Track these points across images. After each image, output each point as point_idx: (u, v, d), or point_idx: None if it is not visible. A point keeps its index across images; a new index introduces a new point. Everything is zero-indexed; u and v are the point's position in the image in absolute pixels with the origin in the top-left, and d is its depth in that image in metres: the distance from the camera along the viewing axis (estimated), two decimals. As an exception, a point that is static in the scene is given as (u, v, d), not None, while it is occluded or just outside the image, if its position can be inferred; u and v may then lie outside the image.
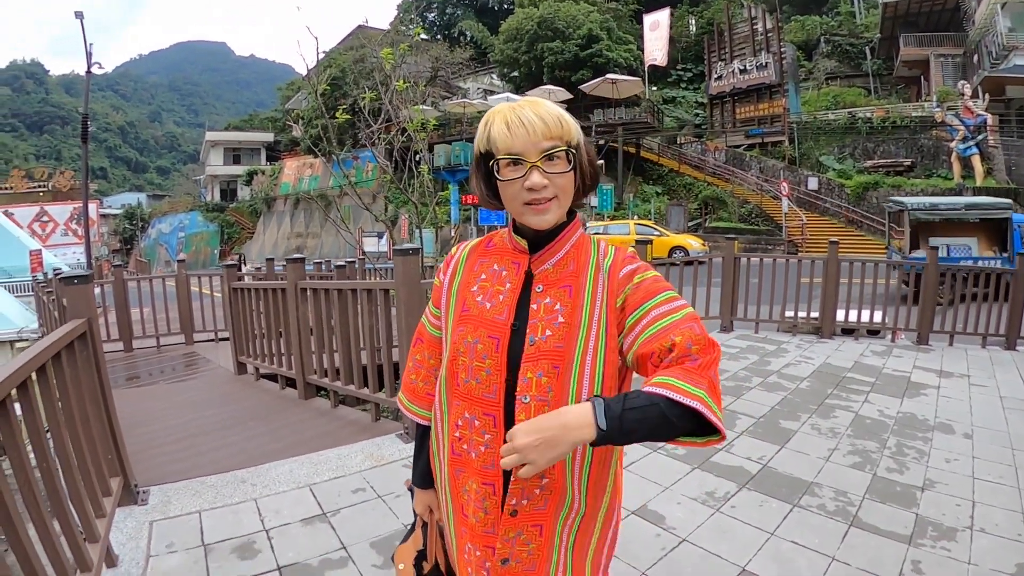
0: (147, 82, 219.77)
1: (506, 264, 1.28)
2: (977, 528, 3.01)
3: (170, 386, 6.42)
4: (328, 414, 4.76)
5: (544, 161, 1.15)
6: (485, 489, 1.22)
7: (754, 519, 3.06)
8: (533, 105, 1.18)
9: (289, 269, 4.95)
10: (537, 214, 1.18)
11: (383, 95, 5.23)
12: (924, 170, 24.57)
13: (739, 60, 29.48)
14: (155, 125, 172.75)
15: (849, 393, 5.35)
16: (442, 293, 1.37)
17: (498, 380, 1.19)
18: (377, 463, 3.67)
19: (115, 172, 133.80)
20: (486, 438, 1.21)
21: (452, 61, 37.26)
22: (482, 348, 1.21)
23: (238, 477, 3.53)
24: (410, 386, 1.47)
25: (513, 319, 1.21)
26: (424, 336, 1.45)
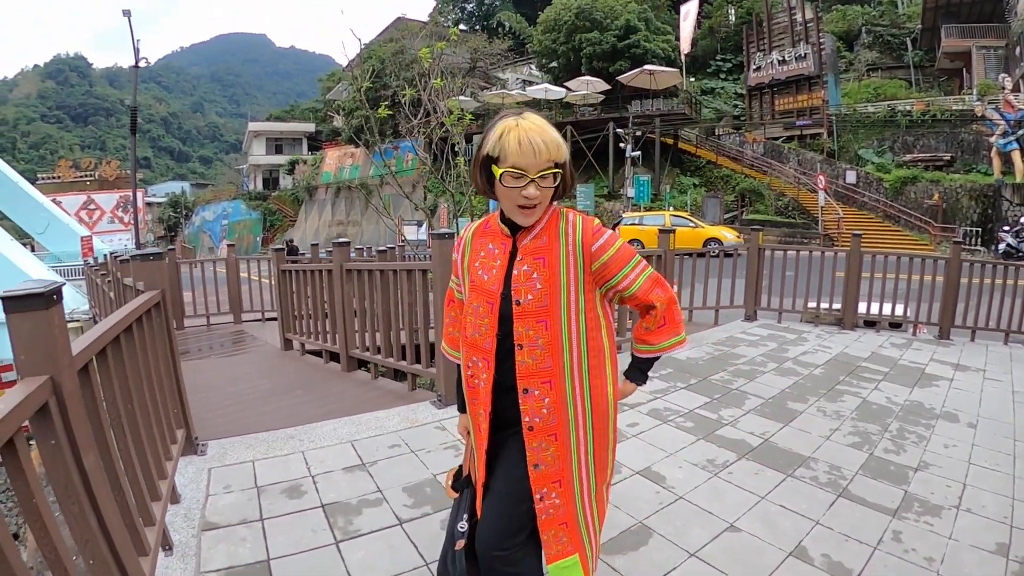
0: (189, 74, 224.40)
1: (497, 244, 1.72)
2: (964, 508, 3.11)
3: (221, 360, 6.92)
4: (368, 384, 5.23)
5: (540, 177, 1.56)
6: (484, 413, 1.70)
7: (748, 484, 3.33)
8: (540, 131, 1.54)
9: (336, 252, 5.42)
10: (526, 216, 1.61)
11: (421, 91, 5.60)
12: (964, 165, 24.18)
13: (778, 51, 29.26)
14: (197, 116, 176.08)
15: (860, 380, 5.45)
16: (458, 266, 1.83)
17: (491, 334, 1.66)
18: (412, 425, 4.10)
19: (158, 161, 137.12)
20: (484, 376, 1.69)
21: (490, 52, 37.48)
22: (482, 310, 1.68)
23: (287, 434, 3.97)
24: (449, 336, 2.00)
25: (502, 288, 1.66)
26: (452, 298, 1.96)
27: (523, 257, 1.65)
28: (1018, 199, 20.77)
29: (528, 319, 1.61)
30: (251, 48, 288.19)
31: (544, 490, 1.65)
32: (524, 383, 1.63)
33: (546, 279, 1.62)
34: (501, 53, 38.77)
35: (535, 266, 1.63)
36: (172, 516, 2.82)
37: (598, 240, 1.65)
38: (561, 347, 1.62)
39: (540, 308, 1.61)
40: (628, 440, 3.98)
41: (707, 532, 2.84)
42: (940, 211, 22.05)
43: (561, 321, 1.62)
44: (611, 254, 1.66)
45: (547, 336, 1.61)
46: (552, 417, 1.64)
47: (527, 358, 1.62)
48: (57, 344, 1.68)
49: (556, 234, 1.66)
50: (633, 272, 1.69)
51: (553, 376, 1.62)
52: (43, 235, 25.44)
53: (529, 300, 1.61)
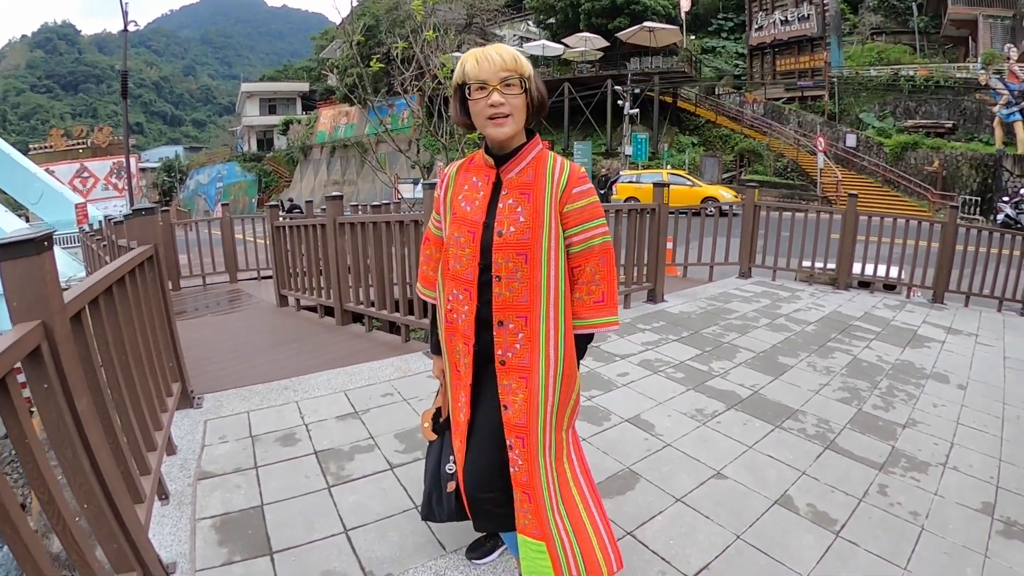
0: (179, 37, 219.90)
1: (481, 177, 1.73)
2: (951, 466, 3.13)
3: (217, 317, 6.93)
4: (363, 336, 5.27)
5: (503, 87, 1.57)
6: (465, 348, 1.71)
7: (735, 434, 3.37)
8: (496, 47, 1.60)
9: (329, 206, 5.41)
10: (497, 126, 1.60)
11: (414, 44, 5.51)
12: (965, 133, 23.96)
13: (780, 10, 28.76)
14: (189, 79, 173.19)
15: (852, 339, 5.47)
16: (440, 202, 1.83)
17: (473, 263, 1.67)
18: (404, 374, 4.14)
19: (151, 127, 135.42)
20: (465, 308, 1.70)
21: (487, 8, 36.76)
22: (464, 240, 1.68)
23: (282, 385, 4.01)
24: (424, 275, 1.96)
25: (485, 217, 1.67)
26: (430, 237, 1.93)
27: (508, 191, 1.67)
28: (1019, 170, 20.66)
29: (508, 251, 1.62)
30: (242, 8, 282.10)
31: (512, 439, 1.67)
32: (500, 315, 1.64)
33: (529, 214, 1.63)
34: (498, 9, 38.06)
35: (520, 200, 1.65)
36: (168, 467, 2.85)
37: (580, 185, 1.69)
38: (539, 283, 1.63)
39: (521, 241, 1.62)
40: (618, 389, 4.02)
41: (693, 478, 2.89)
42: (940, 178, 21.94)
43: (541, 257, 1.63)
44: (584, 204, 1.69)
45: (526, 270, 1.63)
46: (524, 354, 1.65)
47: (504, 290, 1.63)
48: (48, 289, 1.70)
49: (543, 172, 1.68)
50: (593, 231, 1.71)
51: (529, 311, 1.64)
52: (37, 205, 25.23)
53: (511, 232, 1.62)
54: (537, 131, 1.75)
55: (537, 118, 1.70)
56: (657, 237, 6.35)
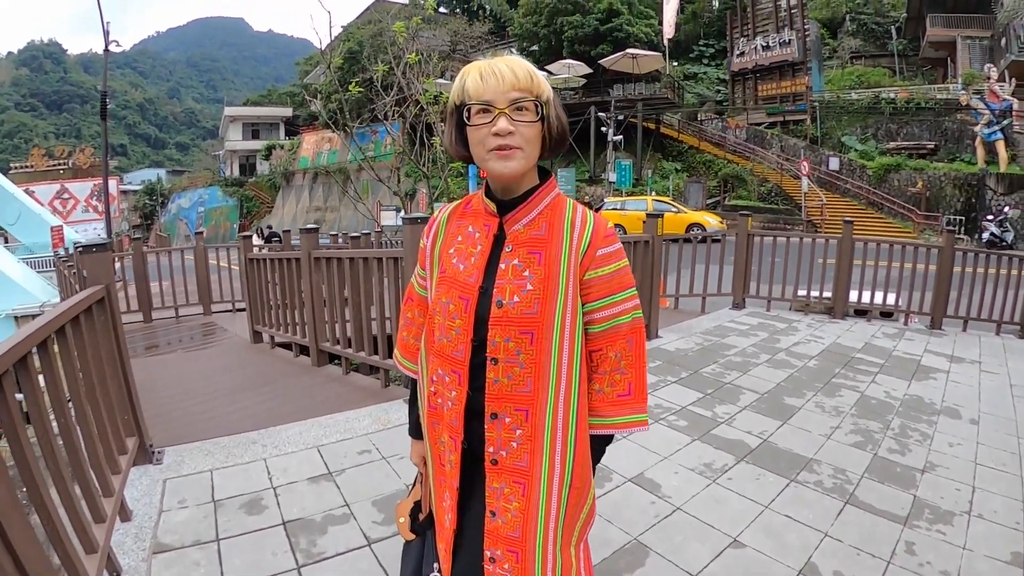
0: (165, 59, 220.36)
1: (479, 226, 1.36)
2: (975, 514, 2.98)
3: (187, 354, 6.58)
4: (339, 380, 4.89)
5: (512, 110, 1.22)
6: (451, 443, 1.33)
7: (749, 491, 3.10)
8: (507, 60, 1.26)
9: (303, 239, 5.07)
10: (501, 159, 1.23)
11: (396, 68, 5.26)
12: (947, 154, 24.18)
13: (762, 36, 29.07)
14: (174, 101, 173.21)
15: (856, 373, 5.31)
16: (426, 255, 1.45)
17: (464, 340, 1.29)
18: (384, 426, 3.78)
19: (134, 149, 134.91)
20: (452, 395, 1.31)
21: (470, 35, 37.01)
22: (453, 308, 1.31)
23: (249, 438, 3.64)
24: (403, 343, 1.58)
25: (482, 281, 1.30)
26: (413, 296, 1.56)
27: (514, 247, 1.31)
28: (1002, 189, 20.82)
29: (509, 326, 1.26)
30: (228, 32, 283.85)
31: (498, 552, 1.30)
32: (494, 406, 1.28)
33: (539, 280, 1.27)
34: (481, 36, 38.32)
35: (528, 261, 1.29)
36: (122, 536, 2.56)
37: (607, 246, 1.33)
38: (547, 369, 1.27)
39: (527, 315, 1.26)
40: (618, 442, 3.66)
41: (709, 549, 2.59)
42: (924, 199, 22.05)
43: (552, 337, 1.27)
44: (611, 270, 1.33)
45: (531, 352, 1.26)
46: (522, 455, 1.28)
47: (502, 376, 1.27)
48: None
49: (559, 225, 1.31)
50: (621, 305, 1.34)
51: (531, 404, 1.27)
52: (15, 226, 24.88)
53: (515, 302, 1.26)
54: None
55: (555, 154, 1.36)
56: (652, 270, 6.11)
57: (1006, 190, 20.74)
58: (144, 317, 8.53)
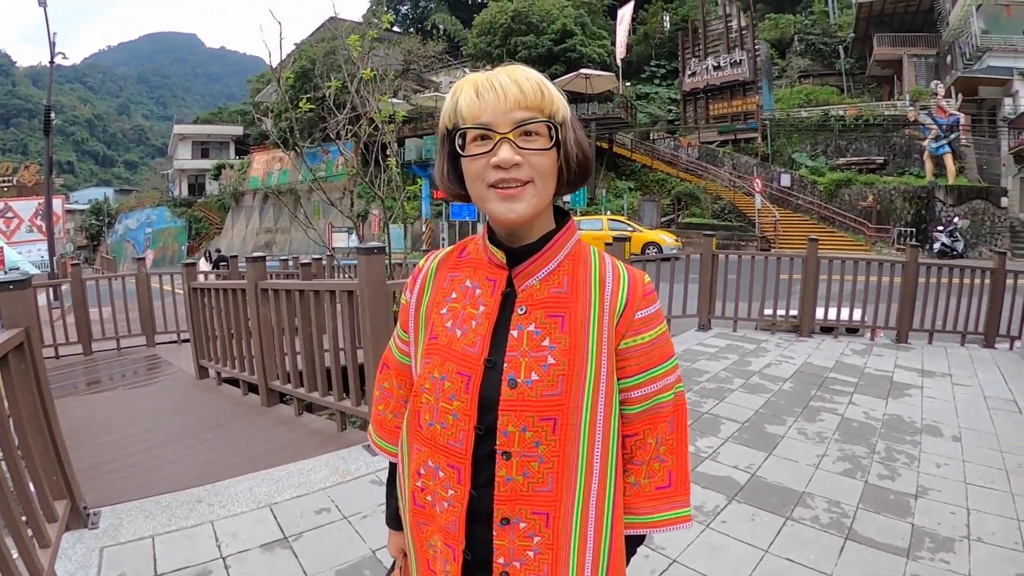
0: (116, 74, 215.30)
1: (480, 280, 1.05)
2: (974, 537, 2.91)
3: (129, 392, 6.10)
4: (291, 422, 4.49)
5: (518, 135, 0.93)
6: (447, 551, 1.01)
7: (746, 535, 2.88)
8: (510, 70, 0.97)
9: (248, 268, 4.64)
10: (505, 200, 0.94)
11: (350, 85, 4.96)
12: (896, 168, 24.95)
13: (713, 57, 29.64)
14: (123, 118, 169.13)
15: (833, 394, 5.22)
16: (409, 314, 1.14)
17: (466, 427, 0.98)
18: (342, 479, 3.42)
19: (82, 166, 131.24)
20: (449, 493, 1.00)
21: (424, 55, 36.92)
22: (449, 386, 1.00)
23: (194, 496, 3.25)
24: (378, 418, 1.26)
25: (488, 352, 0.99)
26: (390, 362, 1.23)
27: (529, 309, 1.00)
28: (951, 200, 21.58)
29: (526, 412, 0.96)
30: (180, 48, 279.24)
31: None
32: (505, 509, 0.97)
33: (564, 351, 0.97)
34: (435, 55, 38.23)
35: (548, 327, 0.99)
36: None
37: (648, 307, 1.05)
38: (573, 464, 0.98)
39: (549, 397, 0.95)
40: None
41: (712, 609, 2.33)
42: (875, 212, 22.65)
43: (580, 423, 0.98)
44: (652, 337, 1.05)
45: (552, 442, 0.96)
46: (543, 566, 0.98)
47: (516, 473, 0.96)
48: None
49: (584, 280, 1.03)
50: (663, 379, 1.07)
51: (553, 506, 0.98)
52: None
53: (533, 381, 0.96)
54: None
55: (574, 189, 1.06)
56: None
57: (955, 201, 21.49)
58: (84, 349, 7.95)
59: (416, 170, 28.47)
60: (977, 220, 21.03)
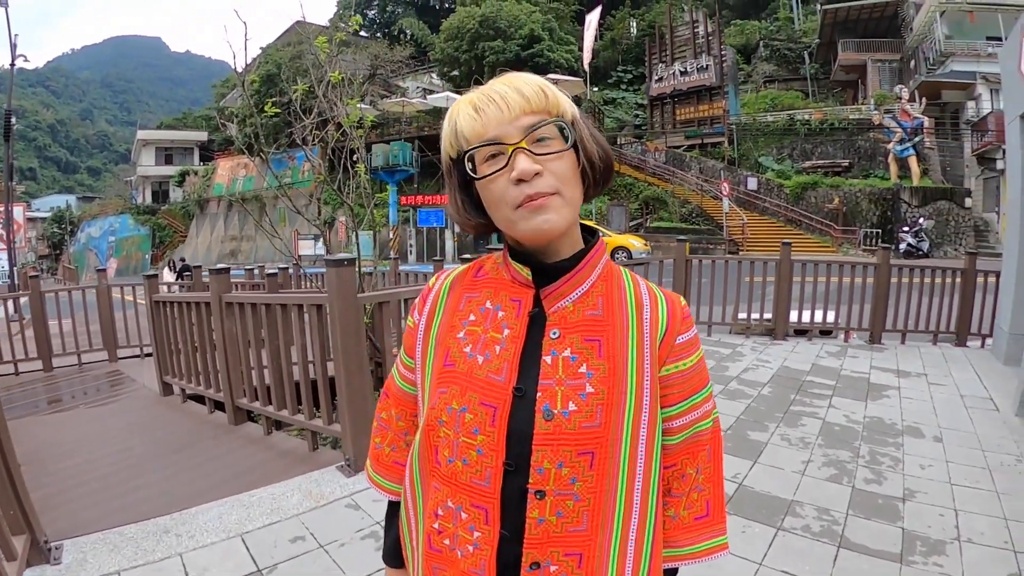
0: (79, 78, 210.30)
1: (503, 301, 0.95)
2: (964, 539, 2.93)
3: (90, 411, 5.79)
4: (260, 442, 4.28)
5: (532, 143, 0.85)
6: None
7: (738, 548, 2.80)
8: (504, 79, 0.91)
9: (212, 280, 4.41)
10: (535, 212, 0.84)
11: (317, 89, 4.79)
12: (861, 171, 25.41)
13: (680, 62, 29.85)
14: (86, 123, 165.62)
15: (812, 398, 5.22)
16: (416, 338, 1.03)
17: (493, 463, 0.87)
18: (317, 503, 3.24)
19: (44, 173, 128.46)
20: (475, 536, 0.88)
21: (391, 59, 36.68)
22: (472, 419, 0.89)
23: (161, 526, 3.05)
24: (375, 452, 1.14)
25: (516, 378, 0.89)
26: (391, 391, 1.12)
27: (563, 332, 0.90)
28: (916, 201, 22.09)
29: (563, 446, 0.86)
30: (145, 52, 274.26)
31: None
32: (536, 553, 0.87)
33: (603, 379, 0.88)
34: (402, 61, 38.03)
35: (585, 353, 0.89)
36: None
37: (687, 331, 0.96)
38: (610, 501, 0.88)
39: (588, 429, 0.86)
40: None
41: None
42: (841, 214, 23.04)
43: (620, 456, 0.88)
44: (692, 363, 0.96)
45: (589, 478, 0.86)
46: None
47: (550, 514, 0.86)
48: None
49: (620, 302, 0.94)
50: (702, 407, 0.98)
51: (586, 546, 0.88)
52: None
53: (571, 412, 0.86)
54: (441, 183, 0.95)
55: (600, 191, 0.97)
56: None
57: (920, 202, 22.00)
58: (44, 365, 7.62)
59: (384, 176, 28.25)
60: (942, 220, 21.54)
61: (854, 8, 32.22)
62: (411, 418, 1.08)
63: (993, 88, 23.27)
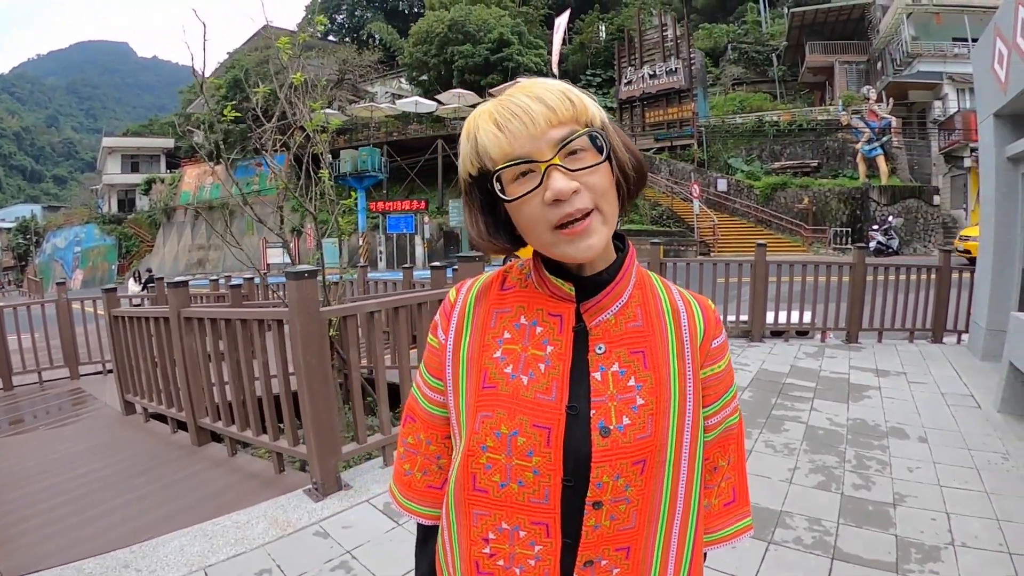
0: (44, 84, 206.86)
1: (540, 316, 0.91)
2: (959, 543, 2.88)
3: (50, 432, 5.56)
4: (225, 464, 4.08)
5: (564, 158, 0.80)
6: None
7: (730, 565, 2.69)
8: (524, 88, 0.84)
9: (171, 294, 4.18)
10: (576, 238, 0.81)
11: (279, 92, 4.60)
12: (830, 171, 25.72)
13: (649, 65, 30.02)
14: (52, 131, 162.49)
15: (794, 401, 5.17)
16: (445, 359, 0.97)
17: (550, 482, 0.86)
18: (283, 531, 3.05)
19: (9, 182, 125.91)
20: (536, 549, 0.89)
21: (360, 64, 36.40)
22: (524, 442, 0.86)
23: (120, 560, 2.85)
24: (403, 478, 1.08)
25: (567, 397, 0.87)
26: (417, 414, 1.05)
27: (608, 347, 0.89)
28: (885, 200, 22.47)
29: (620, 460, 0.85)
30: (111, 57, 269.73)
31: None
32: (589, 554, 0.87)
33: (651, 389, 0.88)
34: (371, 65, 37.80)
35: (631, 365, 0.88)
36: None
37: (720, 335, 0.97)
38: (657, 500, 0.89)
39: (641, 440, 0.86)
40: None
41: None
42: (811, 214, 23.29)
43: (666, 460, 0.88)
44: (725, 365, 0.97)
45: (640, 483, 0.87)
46: None
47: (604, 519, 0.86)
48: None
49: (657, 310, 0.93)
50: (733, 401, 1.00)
51: (634, 541, 0.89)
52: None
53: (625, 426, 0.85)
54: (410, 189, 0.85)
55: (633, 202, 0.93)
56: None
57: (888, 201, 22.39)
58: (4, 384, 7.34)
59: (352, 182, 27.92)
60: (911, 218, 21.96)
61: (821, 11, 32.67)
62: (443, 441, 1.02)
63: (959, 88, 23.81)
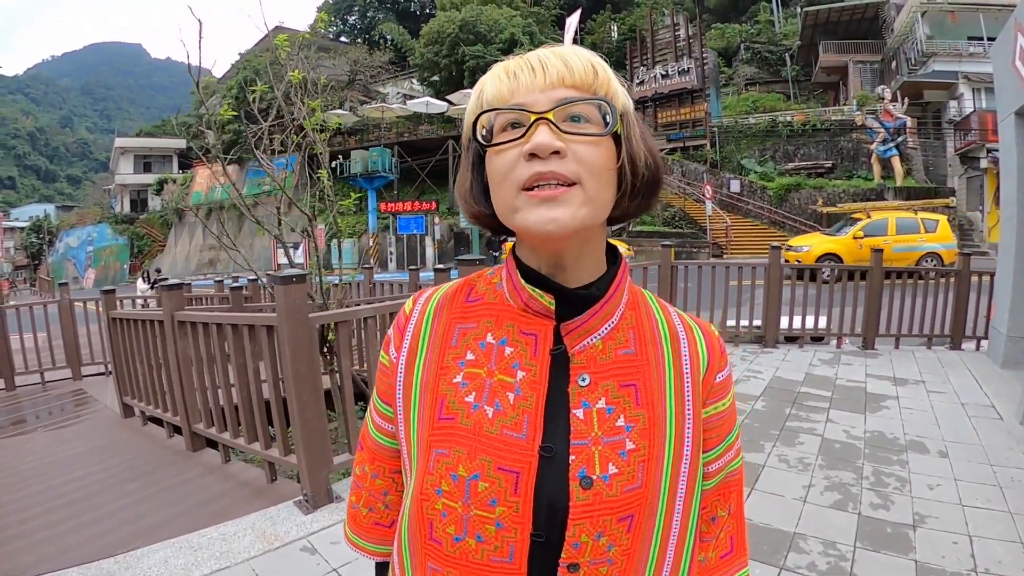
0: (59, 85, 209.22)
1: (509, 334, 0.75)
2: (982, 569, 2.71)
3: (49, 434, 5.50)
4: (218, 471, 3.98)
5: (562, 119, 0.67)
6: None
7: (742, 594, 2.52)
8: (554, 47, 0.72)
9: (165, 297, 4.07)
10: (542, 204, 0.65)
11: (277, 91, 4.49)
12: (845, 171, 25.38)
13: (661, 65, 29.79)
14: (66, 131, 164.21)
15: (808, 412, 4.97)
16: (396, 381, 0.81)
17: (516, 538, 0.69)
18: (270, 545, 2.93)
19: (24, 182, 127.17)
20: None
21: (371, 65, 36.40)
22: (486, 488, 0.69)
23: (103, 570, 2.76)
24: (352, 512, 0.93)
25: (541, 437, 0.70)
26: (366, 443, 0.91)
27: (594, 378, 0.73)
28: (900, 200, 21.82)
29: (604, 516, 0.69)
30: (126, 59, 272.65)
31: None
32: None
33: (643, 431, 0.72)
34: (382, 66, 37.78)
35: (621, 401, 0.72)
36: None
37: (725, 367, 0.81)
38: (643, 559, 0.72)
39: (630, 492, 0.69)
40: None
41: None
42: (825, 216, 22.88)
43: (657, 514, 0.72)
44: (729, 402, 0.81)
45: (626, 542, 0.70)
46: None
47: None
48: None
49: (652, 335, 0.77)
50: (735, 445, 0.84)
51: None
52: None
53: (611, 475, 0.69)
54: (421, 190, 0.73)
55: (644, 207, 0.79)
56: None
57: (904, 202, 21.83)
58: (6, 384, 7.30)
59: (363, 183, 27.89)
60: (927, 220, 21.51)
61: (835, 10, 32.32)
62: (390, 475, 0.88)
63: (975, 87, 23.39)
